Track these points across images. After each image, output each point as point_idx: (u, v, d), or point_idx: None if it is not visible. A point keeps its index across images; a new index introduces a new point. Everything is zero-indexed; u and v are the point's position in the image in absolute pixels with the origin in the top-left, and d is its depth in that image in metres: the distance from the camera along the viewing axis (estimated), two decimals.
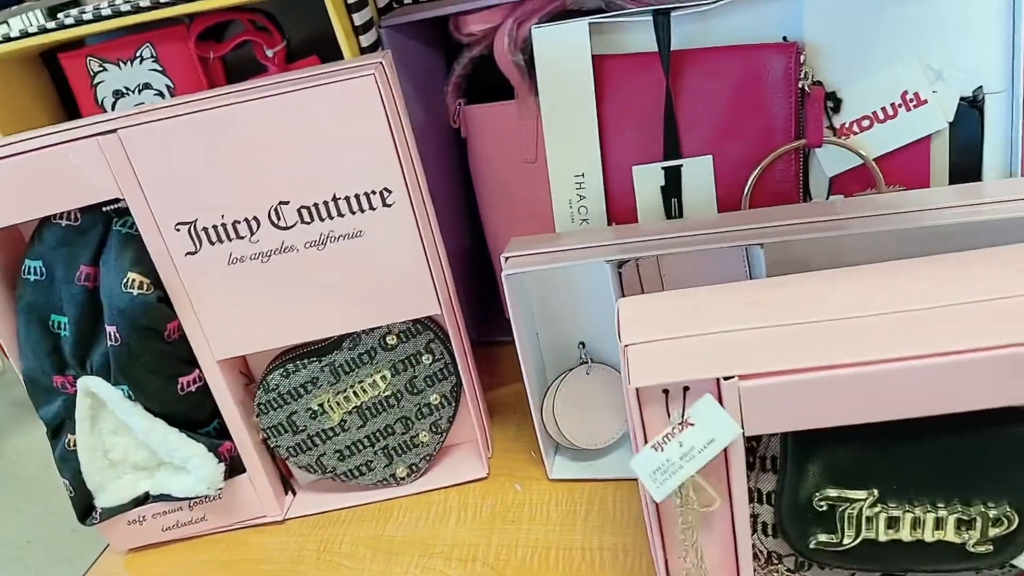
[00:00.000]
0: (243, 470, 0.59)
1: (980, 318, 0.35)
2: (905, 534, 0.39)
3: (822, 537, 0.40)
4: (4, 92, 0.62)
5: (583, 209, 0.63)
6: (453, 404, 0.60)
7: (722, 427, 0.36)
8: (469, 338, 0.62)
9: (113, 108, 0.65)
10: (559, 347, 0.60)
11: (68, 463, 0.56)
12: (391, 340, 0.57)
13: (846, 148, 0.55)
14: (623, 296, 0.55)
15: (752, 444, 0.41)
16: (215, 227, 0.51)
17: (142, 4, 0.58)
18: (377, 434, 0.59)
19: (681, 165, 0.59)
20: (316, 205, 0.51)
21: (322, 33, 0.61)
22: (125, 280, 0.52)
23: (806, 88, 0.55)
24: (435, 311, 0.55)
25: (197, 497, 0.57)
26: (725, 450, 0.37)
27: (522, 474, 0.60)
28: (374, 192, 0.51)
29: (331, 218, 0.51)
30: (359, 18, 0.59)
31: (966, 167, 0.54)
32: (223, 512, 0.60)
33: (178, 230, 0.51)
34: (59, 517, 1.76)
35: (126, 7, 0.58)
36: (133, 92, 0.65)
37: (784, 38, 0.56)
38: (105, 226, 0.53)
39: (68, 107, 0.68)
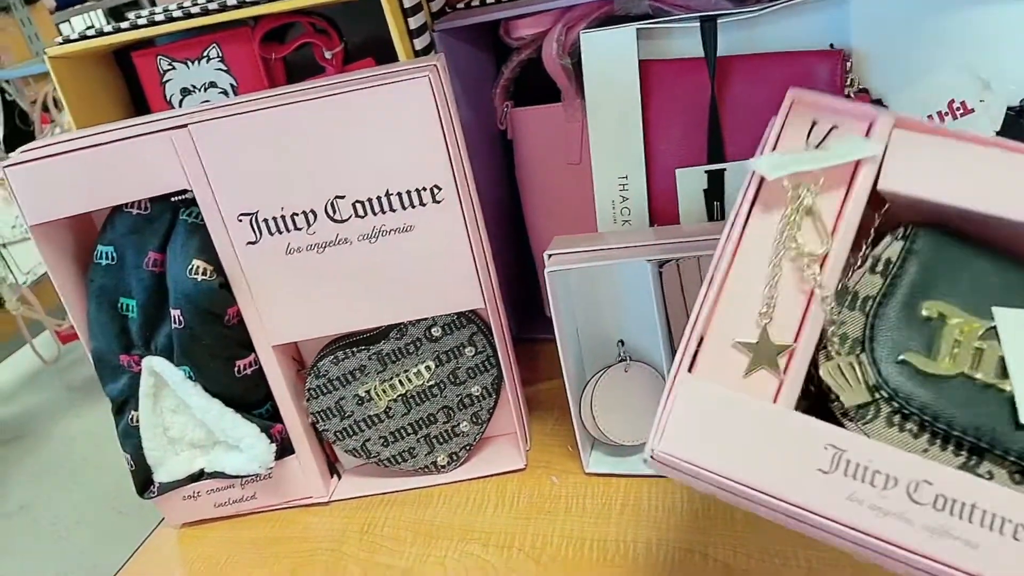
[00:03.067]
0: (292, 452, 0.62)
1: None
2: (1006, 385, 0.33)
3: (912, 354, 0.34)
4: (79, 88, 0.66)
5: (626, 210, 0.64)
6: (493, 396, 0.62)
7: (860, 146, 0.36)
8: (511, 333, 0.64)
9: (180, 105, 0.69)
10: (599, 344, 0.62)
11: (130, 439, 0.60)
12: (436, 332, 0.59)
13: None
14: (663, 296, 0.57)
15: (871, 245, 0.38)
16: (275, 219, 0.54)
17: (210, 7, 0.61)
18: (420, 422, 0.61)
19: (724, 169, 0.60)
20: (370, 200, 0.54)
21: (378, 36, 0.63)
22: (190, 267, 0.55)
23: (852, 95, 0.56)
24: (479, 305, 0.57)
25: (249, 475, 0.60)
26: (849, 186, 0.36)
27: (559, 467, 0.62)
28: (425, 189, 0.53)
29: (383, 213, 0.54)
30: (414, 22, 0.61)
31: None
32: (272, 491, 0.63)
33: (240, 221, 0.54)
34: (107, 499, 1.83)
35: (195, 9, 0.61)
36: (199, 90, 0.68)
37: (831, 45, 0.56)
38: (173, 215, 0.56)
39: (138, 103, 0.72)
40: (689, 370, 0.38)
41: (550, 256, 0.55)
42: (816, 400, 0.38)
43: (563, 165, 0.72)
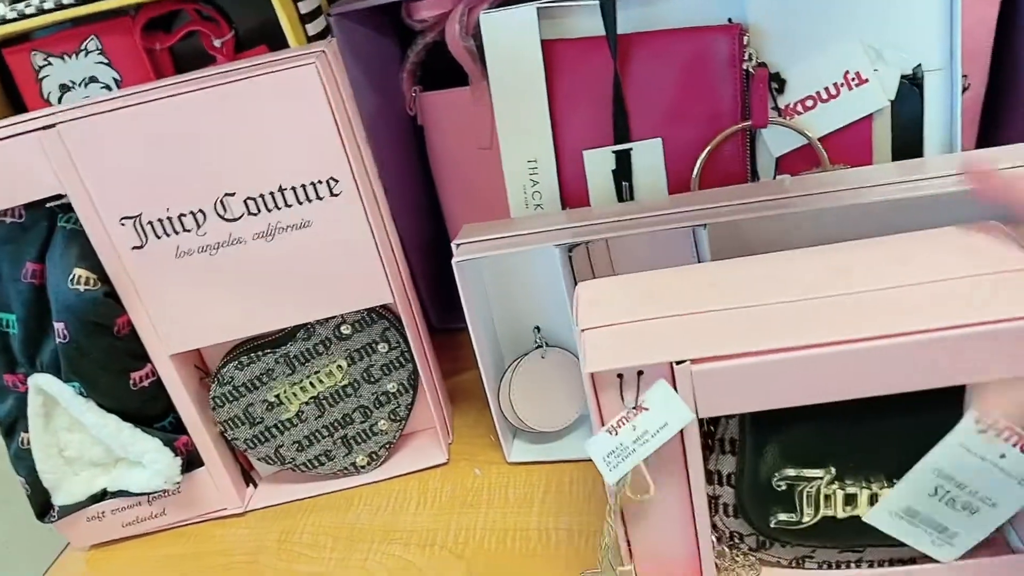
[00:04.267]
0: (202, 463, 0.59)
1: (924, 300, 0.36)
2: (863, 510, 0.40)
3: (782, 516, 0.41)
4: None
5: (537, 194, 0.63)
6: (411, 392, 0.60)
7: (675, 412, 0.37)
8: (429, 326, 0.62)
9: (59, 102, 0.64)
10: (515, 332, 0.61)
11: (23, 462, 0.56)
12: (345, 330, 0.57)
13: (791, 128, 0.56)
14: (574, 280, 0.56)
15: (711, 427, 0.41)
16: (161, 220, 0.51)
17: None
18: (335, 424, 0.59)
19: (631, 149, 0.59)
20: (262, 196, 0.51)
21: (271, 22, 0.60)
22: (72, 276, 0.51)
23: (750, 70, 0.55)
24: (388, 300, 0.55)
25: (154, 492, 0.57)
26: (681, 434, 0.38)
27: (482, 458, 0.61)
28: (321, 182, 0.51)
29: (278, 209, 0.51)
30: (305, 6, 0.58)
31: (908, 144, 0.55)
32: (183, 506, 0.60)
33: (123, 224, 0.51)
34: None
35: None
36: (79, 86, 0.64)
37: (729, 20, 0.56)
38: (50, 222, 0.53)
39: (16, 103, 0.67)
40: None
41: (458, 246, 0.54)
42: None
43: (475, 150, 0.71)
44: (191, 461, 0.58)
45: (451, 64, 0.68)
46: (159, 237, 0.51)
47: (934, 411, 0.37)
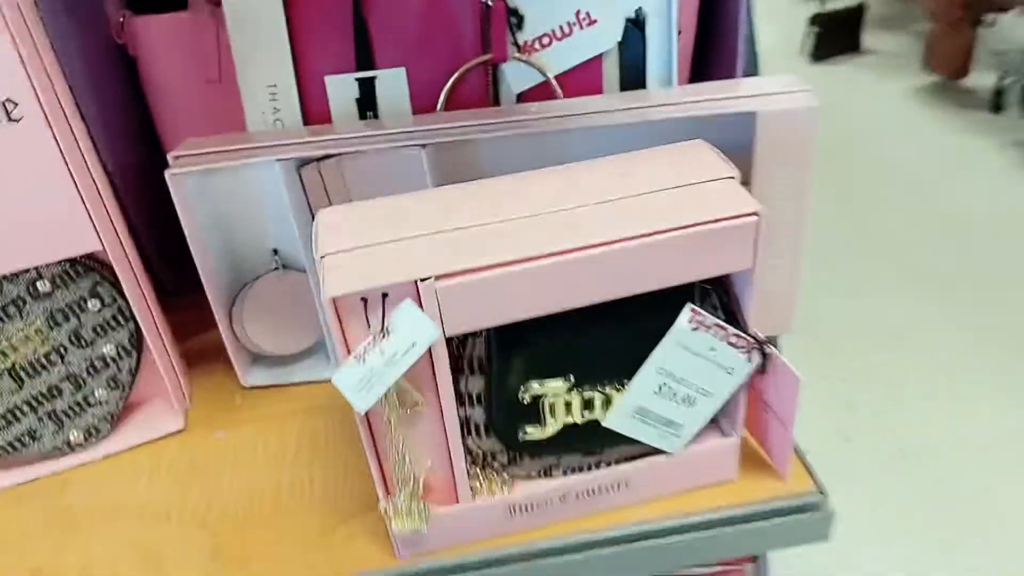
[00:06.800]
0: None
1: (641, 209, 0.38)
2: (600, 415, 0.42)
3: (530, 429, 0.41)
4: None
5: (279, 123, 0.58)
6: (133, 354, 0.53)
7: (422, 330, 0.36)
8: (151, 278, 0.55)
9: None
10: (256, 255, 0.56)
11: None
12: (43, 286, 0.49)
13: (529, 64, 0.57)
14: (307, 201, 0.53)
15: (458, 349, 0.41)
16: None
17: None
18: (40, 397, 0.51)
19: (375, 77, 0.56)
20: None
21: None
22: None
23: (489, 3, 0.55)
24: (95, 247, 0.48)
25: None
26: (429, 353, 0.37)
27: (226, 420, 0.56)
28: None
29: None
30: None
31: (633, 82, 0.58)
32: None
33: None
34: None
35: None
36: None
37: None
38: None
39: None
40: None
41: (176, 158, 0.48)
42: None
43: (200, 83, 0.63)
44: None
45: None
46: None
47: (655, 316, 0.40)
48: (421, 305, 0.35)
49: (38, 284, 0.48)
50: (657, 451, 0.44)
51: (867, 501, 1.42)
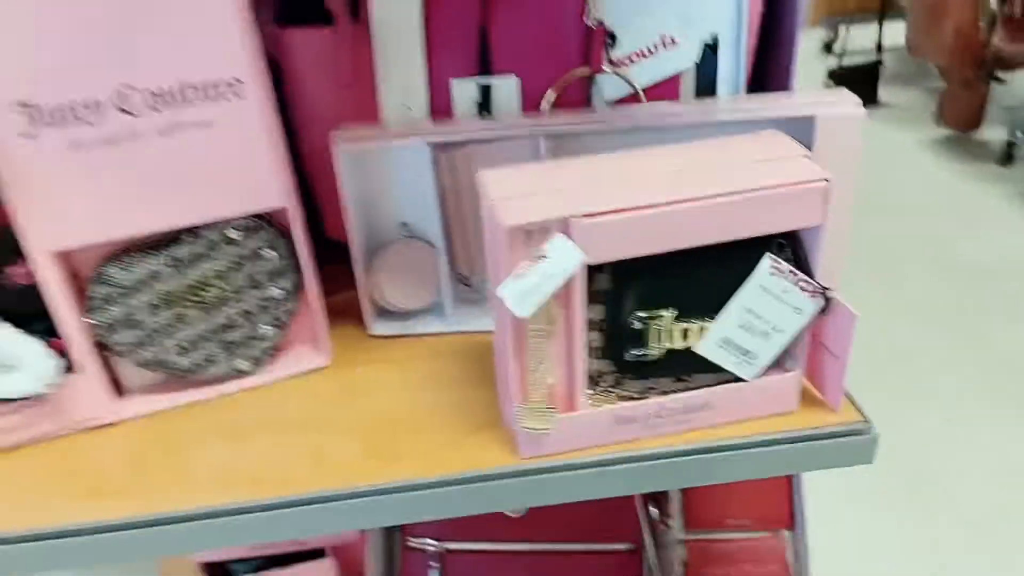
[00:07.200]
0: (71, 370, 0.58)
1: (731, 173, 0.49)
2: (692, 342, 0.52)
3: (636, 352, 0.52)
4: None
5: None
6: (294, 298, 0.64)
7: (570, 257, 0.46)
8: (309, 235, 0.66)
9: None
10: (386, 227, 0.68)
11: None
12: (233, 235, 0.60)
13: (620, 77, 0.69)
14: (439, 182, 0.65)
15: (586, 283, 0.50)
16: (53, 109, 0.51)
17: None
18: (219, 328, 0.62)
19: (492, 83, 0.69)
20: (163, 92, 0.53)
21: None
22: None
23: (591, 25, 0.68)
24: (281, 204, 0.59)
25: (28, 398, 0.55)
26: (568, 281, 0.48)
27: (362, 358, 0.67)
28: (225, 82, 0.54)
29: (180, 105, 0.53)
30: None
31: (706, 96, 0.70)
32: (55, 416, 0.59)
33: (12, 110, 0.50)
34: None
35: None
36: None
37: None
38: None
39: None
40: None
41: (341, 139, 0.60)
42: None
43: (336, 87, 0.76)
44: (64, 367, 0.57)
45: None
46: (50, 126, 0.51)
47: (742, 262, 0.51)
48: (571, 238, 0.47)
49: (229, 232, 0.60)
50: (734, 380, 0.54)
51: (880, 516, 1.50)
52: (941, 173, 2.79)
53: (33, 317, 0.56)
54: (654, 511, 0.84)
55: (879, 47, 3.42)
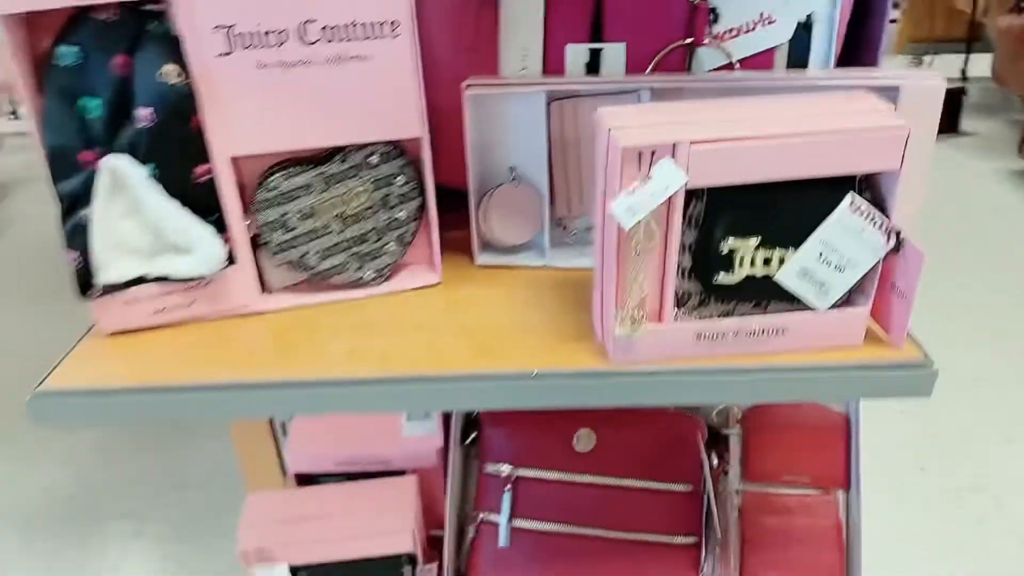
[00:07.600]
0: (233, 262, 0.69)
1: (823, 116, 0.56)
2: (774, 270, 0.59)
3: (722, 275, 0.59)
4: None
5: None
6: (418, 221, 0.73)
7: (674, 178, 0.54)
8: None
9: None
10: (497, 170, 0.77)
11: (78, 237, 0.63)
12: (374, 159, 0.70)
13: (720, 49, 0.76)
14: (548, 127, 0.73)
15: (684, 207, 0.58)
16: (249, 34, 0.61)
17: None
18: (354, 239, 0.71)
19: (602, 48, 0.77)
20: (337, 26, 0.63)
21: None
22: (161, 71, 0.60)
23: (695, 2, 0.76)
24: (418, 134, 0.69)
25: (196, 278, 0.66)
26: (669, 204, 0.55)
27: (469, 281, 0.76)
28: (387, 23, 0.64)
29: (348, 40, 0.63)
30: None
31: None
32: (211, 300, 0.69)
33: (215, 32, 0.61)
34: None
35: None
36: None
37: None
38: (138, 24, 0.61)
39: None
40: None
41: (469, 86, 0.69)
42: None
43: (458, 50, 0.85)
44: (227, 259, 0.68)
45: None
46: (244, 48, 0.62)
47: (826, 198, 0.57)
48: (676, 161, 0.54)
49: (371, 157, 0.69)
50: (808, 309, 0.61)
51: (933, 525, 1.52)
52: (1021, 204, 2.76)
53: (206, 212, 0.67)
54: (715, 459, 0.90)
55: (963, 76, 3.39)
